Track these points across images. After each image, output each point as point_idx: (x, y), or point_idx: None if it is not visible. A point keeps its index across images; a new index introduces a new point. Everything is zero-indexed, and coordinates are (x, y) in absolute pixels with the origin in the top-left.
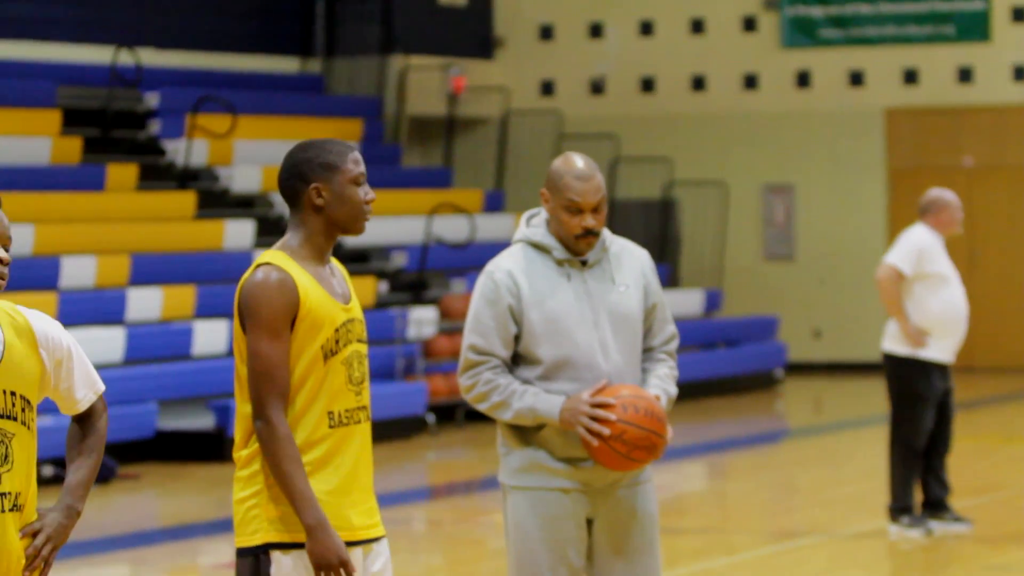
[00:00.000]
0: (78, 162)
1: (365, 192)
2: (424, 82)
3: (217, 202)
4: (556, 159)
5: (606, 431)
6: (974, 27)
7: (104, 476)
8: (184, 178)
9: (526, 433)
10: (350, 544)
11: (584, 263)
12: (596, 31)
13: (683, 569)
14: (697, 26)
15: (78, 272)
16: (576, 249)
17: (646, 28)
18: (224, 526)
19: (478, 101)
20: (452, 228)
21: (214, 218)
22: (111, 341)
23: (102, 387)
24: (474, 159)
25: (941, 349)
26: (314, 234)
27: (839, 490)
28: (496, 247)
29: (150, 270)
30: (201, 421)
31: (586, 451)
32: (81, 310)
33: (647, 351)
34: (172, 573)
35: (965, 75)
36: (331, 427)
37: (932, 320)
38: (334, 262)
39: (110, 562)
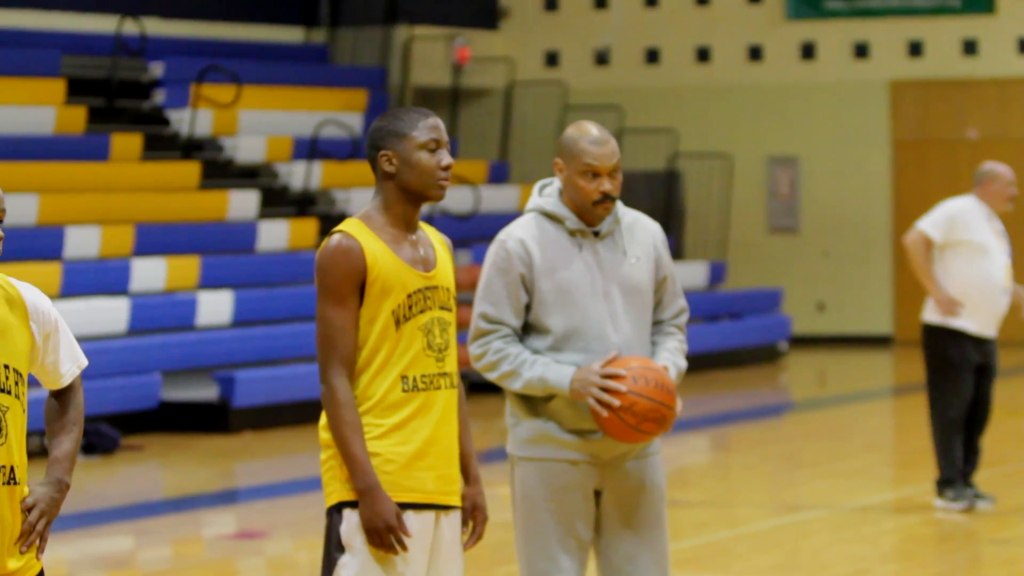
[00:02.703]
0: (82, 132)
1: (440, 159)
2: (428, 53)
3: (221, 172)
4: (568, 127)
5: (616, 402)
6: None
7: (107, 447)
8: (188, 148)
9: (535, 404)
10: (422, 507)
11: (596, 234)
12: (601, 2)
13: (686, 542)
14: None
15: (82, 242)
16: (593, 216)
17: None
18: (227, 497)
19: (483, 72)
20: (456, 199)
21: (218, 188)
22: (115, 311)
23: (85, 362)
24: (479, 130)
25: (974, 320)
26: (391, 201)
27: (843, 463)
28: (500, 218)
29: (154, 240)
30: (205, 392)
31: (595, 422)
32: (85, 280)
33: (657, 324)
34: (175, 544)
35: (970, 47)
36: (404, 391)
37: (964, 290)
38: (426, 230)
39: (113, 533)
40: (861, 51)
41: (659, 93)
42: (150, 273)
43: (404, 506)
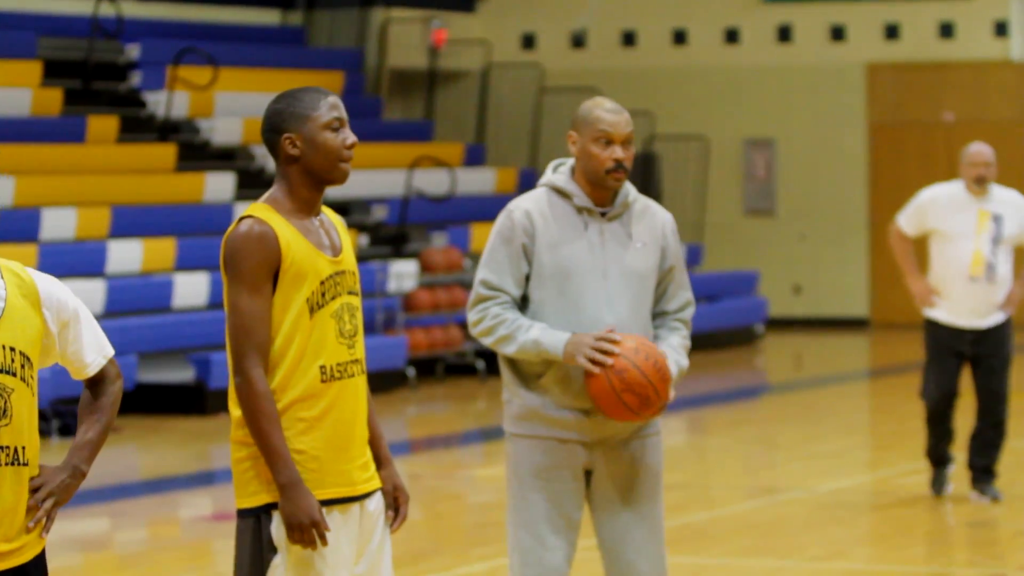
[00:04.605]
0: (59, 114)
1: (344, 138)
2: (405, 35)
3: (198, 154)
4: (584, 103)
5: (609, 360)
6: None
7: None
8: (165, 130)
9: (528, 380)
10: (350, 500)
11: (603, 214)
12: None
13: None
14: None
15: (58, 224)
16: (604, 190)
17: None
18: (203, 479)
19: (459, 54)
20: (433, 181)
21: (195, 171)
22: (91, 293)
23: (111, 351)
24: (455, 112)
25: (946, 309)
26: (296, 185)
27: (819, 446)
28: (476, 201)
29: (130, 222)
30: (181, 374)
31: (585, 385)
32: (61, 262)
33: (661, 315)
34: (152, 526)
35: (946, 30)
36: (323, 382)
37: (934, 279)
38: (327, 213)
39: (90, 514)
40: (838, 34)
41: (635, 75)
42: (126, 255)
43: (330, 502)
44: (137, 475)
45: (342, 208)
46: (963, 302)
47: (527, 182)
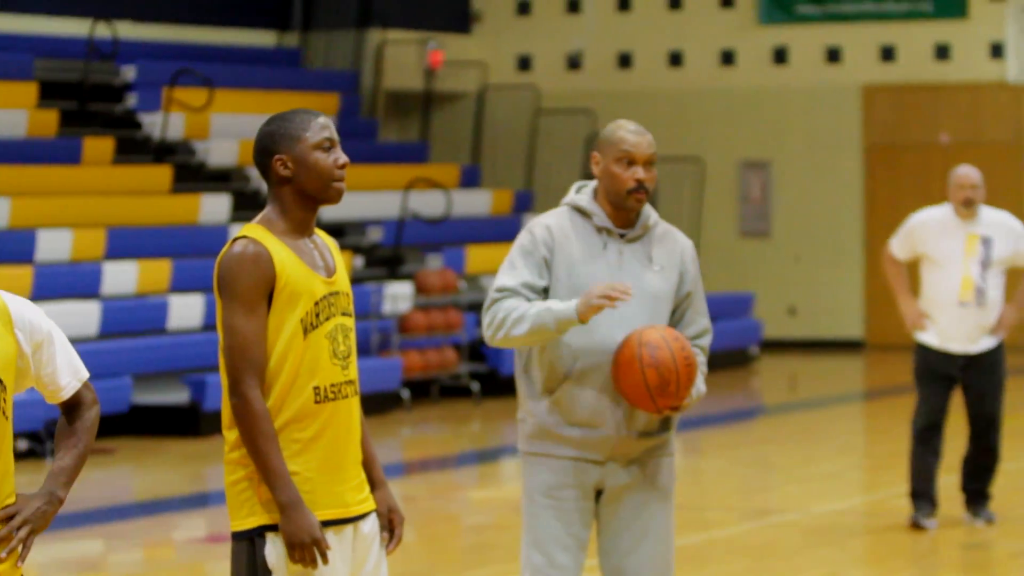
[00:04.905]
0: (55, 135)
1: (335, 158)
2: (401, 56)
3: (193, 176)
4: (608, 124)
5: (623, 297)
6: (951, 4)
7: None
8: (160, 152)
9: (541, 397)
10: (344, 521)
11: (623, 236)
12: (573, 6)
13: None
14: (675, 1)
15: (54, 246)
16: (625, 211)
17: (623, 3)
18: (198, 501)
19: (455, 76)
20: (428, 203)
21: (190, 192)
22: (87, 315)
23: (86, 374)
24: (451, 134)
25: (934, 333)
26: (289, 206)
27: (814, 468)
28: (472, 223)
29: (126, 244)
30: (176, 396)
31: (614, 357)
32: (56, 284)
33: None
34: (146, 548)
35: (942, 52)
36: (317, 402)
37: (924, 303)
38: (320, 235)
39: (84, 536)
40: (833, 56)
41: (631, 97)
42: (122, 276)
43: (324, 524)
44: (132, 497)
45: (337, 229)
46: (953, 327)
47: (523, 204)
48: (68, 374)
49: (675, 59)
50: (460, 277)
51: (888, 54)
